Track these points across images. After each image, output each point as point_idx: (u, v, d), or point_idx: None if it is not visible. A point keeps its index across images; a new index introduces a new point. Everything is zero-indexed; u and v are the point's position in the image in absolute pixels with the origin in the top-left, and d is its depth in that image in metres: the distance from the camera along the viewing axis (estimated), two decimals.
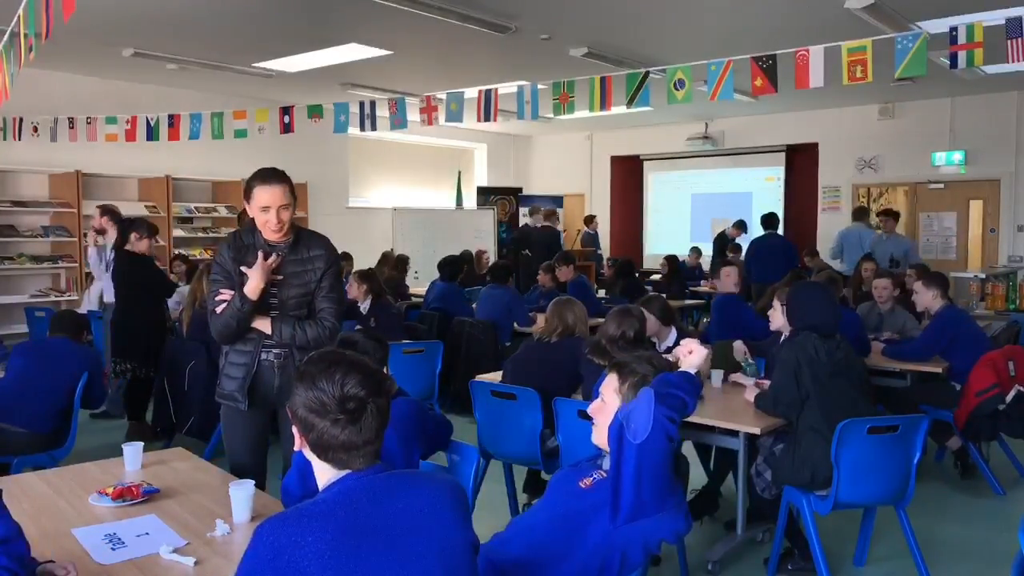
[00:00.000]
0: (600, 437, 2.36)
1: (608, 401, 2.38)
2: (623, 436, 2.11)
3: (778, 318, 4.07)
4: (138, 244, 5.63)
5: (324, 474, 1.63)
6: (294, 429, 1.65)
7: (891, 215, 9.02)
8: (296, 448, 1.66)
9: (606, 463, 2.30)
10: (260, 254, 2.88)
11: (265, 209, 2.86)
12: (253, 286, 2.84)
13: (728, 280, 5.61)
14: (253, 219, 2.94)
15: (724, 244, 10.92)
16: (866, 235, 8.99)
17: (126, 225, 5.74)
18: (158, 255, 8.64)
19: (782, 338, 4.02)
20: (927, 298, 5.03)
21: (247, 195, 2.91)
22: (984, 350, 4.62)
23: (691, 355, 2.32)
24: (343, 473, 1.60)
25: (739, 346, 4.52)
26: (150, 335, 5.61)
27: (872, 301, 5.86)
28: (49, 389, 4.15)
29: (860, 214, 9.37)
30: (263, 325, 2.90)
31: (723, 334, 5.06)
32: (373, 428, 1.61)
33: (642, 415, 2.10)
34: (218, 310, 2.88)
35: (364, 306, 5.93)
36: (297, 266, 2.95)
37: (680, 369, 2.31)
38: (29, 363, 4.20)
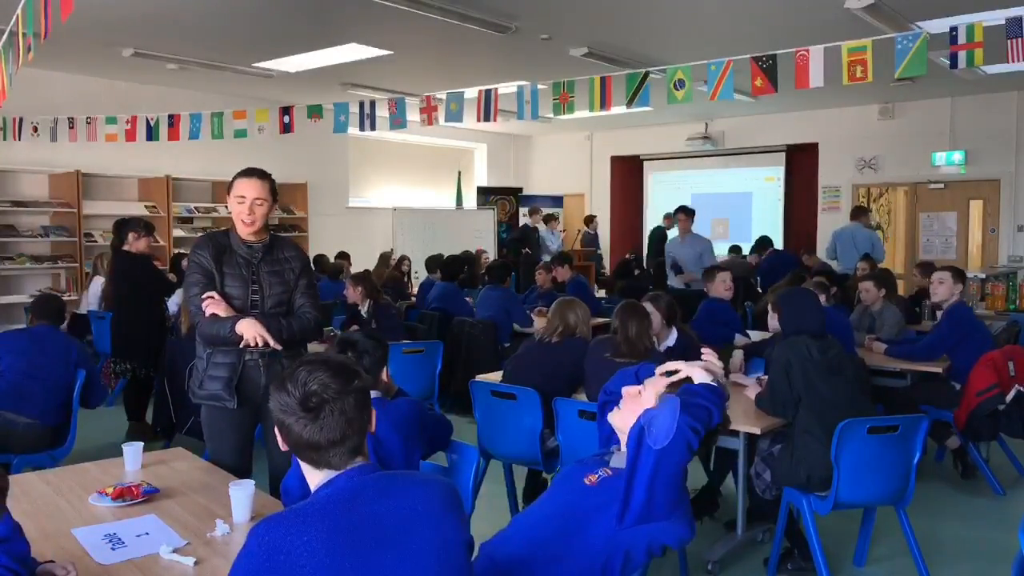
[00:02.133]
0: (621, 420, 2.31)
1: (646, 397, 2.30)
2: (643, 440, 2.09)
3: (774, 322, 4.07)
4: (136, 244, 5.64)
5: (312, 475, 1.64)
6: (276, 431, 1.67)
7: (686, 213, 8.40)
8: (283, 449, 1.68)
9: (614, 460, 2.28)
10: (254, 323, 2.84)
11: (241, 199, 2.93)
12: (250, 332, 2.82)
13: (721, 285, 5.57)
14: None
15: (662, 238, 11.13)
16: (859, 234, 8.93)
17: (123, 225, 5.75)
18: (157, 255, 8.68)
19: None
20: (947, 289, 4.95)
21: (228, 190, 2.98)
22: (987, 349, 4.61)
23: (699, 372, 2.28)
24: (334, 474, 1.60)
25: (738, 356, 4.51)
26: (150, 335, 5.62)
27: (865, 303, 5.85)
28: (51, 377, 4.16)
29: (857, 213, 9.33)
30: (253, 328, 2.84)
31: (708, 337, 5.07)
32: (337, 426, 1.59)
33: (665, 421, 2.07)
34: (207, 313, 2.88)
35: (364, 309, 5.94)
36: (275, 265, 3.03)
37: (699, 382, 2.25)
38: (27, 354, 4.20)
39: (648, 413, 2.17)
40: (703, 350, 2.35)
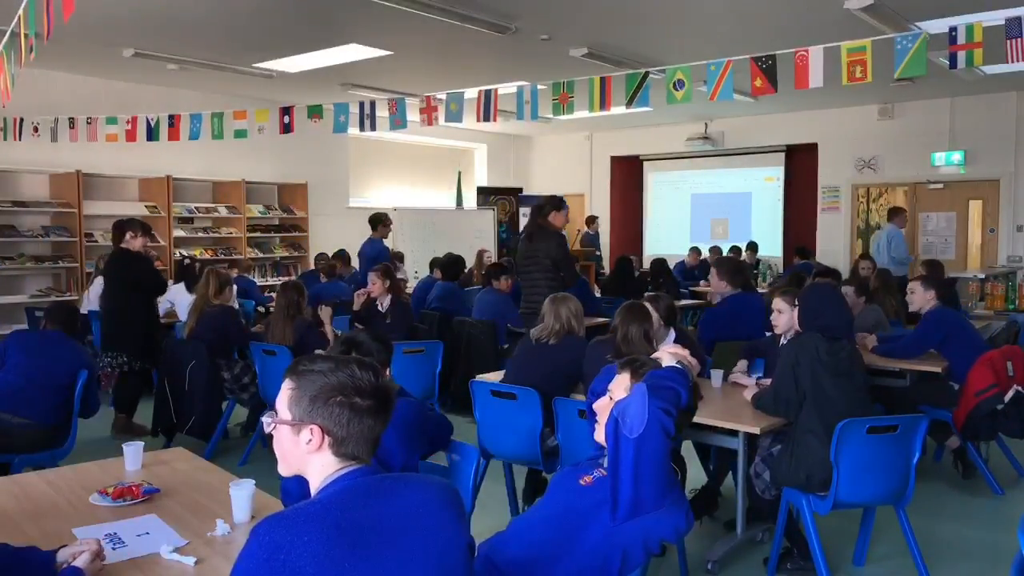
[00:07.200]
0: (602, 434, 2.35)
1: (616, 399, 2.35)
2: (619, 432, 2.11)
3: (782, 320, 4.05)
4: (132, 242, 5.73)
5: (318, 473, 1.62)
6: (310, 431, 1.59)
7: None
8: (312, 448, 1.60)
9: (607, 461, 2.30)
10: None
11: None
12: None
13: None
14: None
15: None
16: (895, 236, 9.36)
17: (121, 226, 5.82)
18: (158, 255, 8.69)
19: (784, 338, 4.02)
20: (920, 299, 5.02)
21: None
22: (980, 350, 4.62)
23: (667, 356, 2.37)
24: (338, 475, 1.60)
25: (741, 366, 4.43)
26: (143, 330, 5.68)
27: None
28: (50, 381, 4.17)
29: (891, 215, 9.70)
30: None
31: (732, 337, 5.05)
32: (387, 420, 1.66)
33: (637, 409, 2.10)
34: None
35: (384, 303, 5.94)
36: None
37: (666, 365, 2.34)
38: (30, 356, 4.21)
39: (619, 404, 2.21)
40: (670, 346, 2.42)
